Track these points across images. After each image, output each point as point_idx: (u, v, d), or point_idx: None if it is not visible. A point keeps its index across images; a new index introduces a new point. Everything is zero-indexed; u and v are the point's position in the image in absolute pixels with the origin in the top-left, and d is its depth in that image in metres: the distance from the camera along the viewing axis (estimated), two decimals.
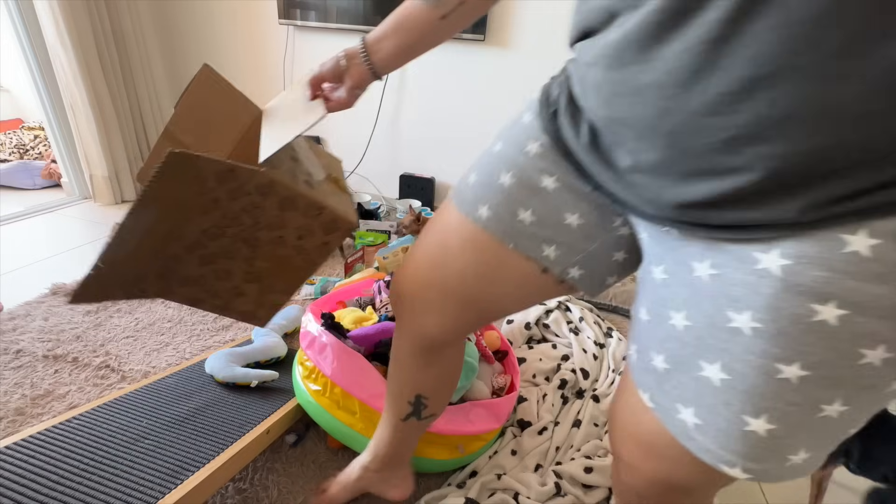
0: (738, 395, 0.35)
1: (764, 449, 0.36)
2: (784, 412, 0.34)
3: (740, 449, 0.36)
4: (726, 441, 0.37)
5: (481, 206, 0.51)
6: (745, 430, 0.35)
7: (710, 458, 0.38)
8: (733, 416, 0.36)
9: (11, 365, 1.14)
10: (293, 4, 2.05)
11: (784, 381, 0.33)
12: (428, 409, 0.69)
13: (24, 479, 0.68)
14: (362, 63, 0.60)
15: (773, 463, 0.36)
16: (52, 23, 1.84)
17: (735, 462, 0.37)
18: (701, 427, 0.38)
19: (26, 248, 1.74)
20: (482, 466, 0.96)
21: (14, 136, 2.54)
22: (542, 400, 1.14)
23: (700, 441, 0.38)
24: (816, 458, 0.37)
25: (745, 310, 0.34)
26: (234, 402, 0.96)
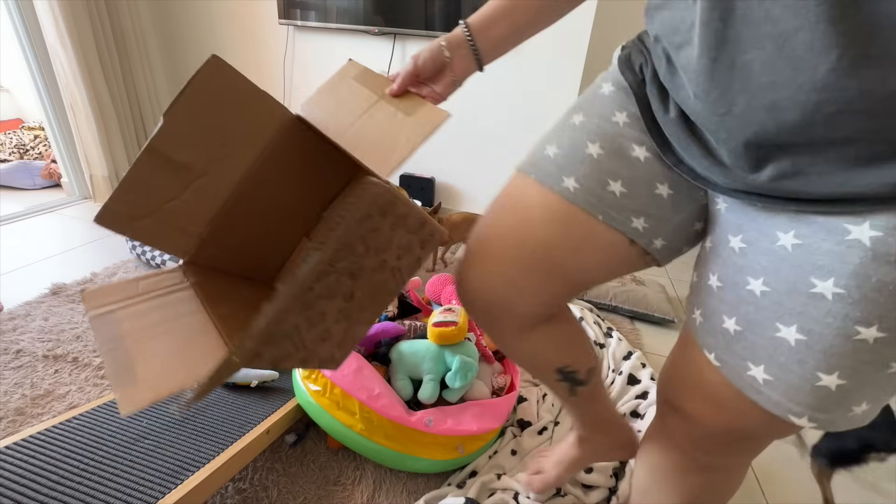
0: (814, 353, 0.37)
1: (832, 401, 0.38)
2: (855, 369, 0.37)
3: (810, 401, 0.39)
4: (796, 395, 0.39)
5: (567, 177, 0.50)
6: (817, 385, 0.38)
7: (778, 411, 0.41)
8: (807, 373, 0.38)
9: (11, 365, 1.14)
10: (293, 4, 2.05)
11: (861, 342, 0.36)
12: (578, 372, 0.64)
13: (24, 479, 0.68)
14: (469, 53, 0.54)
15: (838, 413, 0.39)
16: (52, 23, 1.84)
17: (803, 413, 0.40)
18: (771, 382, 0.40)
19: (26, 248, 1.74)
20: (482, 466, 0.96)
21: (14, 136, 2.54)
22: (542, 400, 1.14)
23: (768, 395, 0.41)
24: (875, 409, 0.40)
25: (829, 276, 0.35)
26: (234, 402, 0.96)
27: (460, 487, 0.92)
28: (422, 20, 1.88)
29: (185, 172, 0.55)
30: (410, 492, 0.91)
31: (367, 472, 0.94)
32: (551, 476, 0.86)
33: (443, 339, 0.96)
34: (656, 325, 1.58)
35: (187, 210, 0.57)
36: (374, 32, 1.97)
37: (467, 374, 0.93)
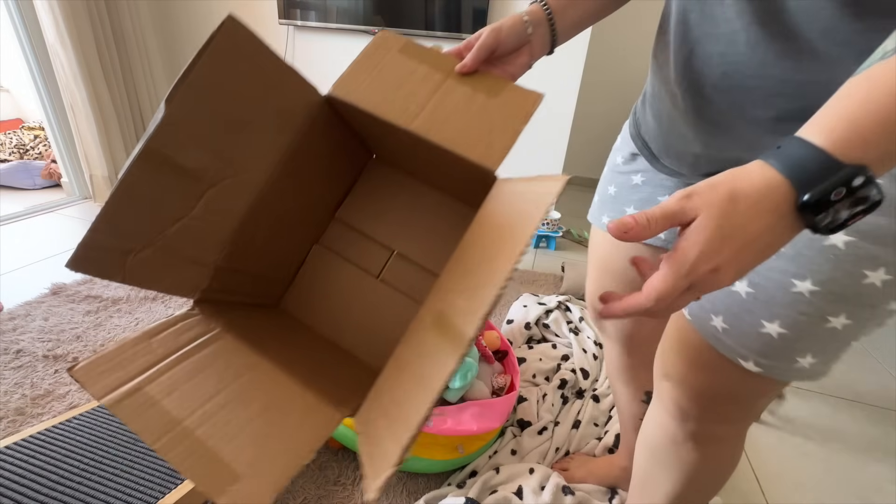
0: (759, 304, 0.43)
1: (775, 349, 0.43)
2: (795, 320, 0.42)
3: (755, 347, 0.44)
4: (745, 340, 0.45)
5: (603, 216, 0.70)
6: (761, 332, 0.43)
7: (729, 353, 0.46)
8: (753, 321, 0.44)
9: (11, 365, 1.14)
10: (293, 4, 2.05)
11: (797, 294, 0.41)
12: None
13: (24, 479, 0.68)
14: (547, 31, 0.52)
15: (782, 362, 0.44)
16: (52, 23, 1.84)
17: (748, 357, 0.45)
18: (727, 331, 0.46)
19: (26, 248, 1.74)
20: (482, 466, 0.96)
21: (14, 136, 2.54)
22: (541, 400, 1.14)
23: (725, 341, 0.47)
24: (823, 365, 0.44)
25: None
26: None
27: (460, 487, 0.92)
28: (422, 20, 1.88)
29: (195, 181, 0.42)
30: (410, 492, 0.91)
31: None
32: (574, 477, 0.95)
33: None
34: None
35: (199, 232, 0.44)
36: (374, 32, 1.97)
37: (467, 374, 0.93)
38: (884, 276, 0.38)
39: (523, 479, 0.91)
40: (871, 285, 0.39)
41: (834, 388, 1.33)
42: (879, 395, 1.31)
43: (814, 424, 1.19)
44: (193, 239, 0.44)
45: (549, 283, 1.79)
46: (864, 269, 0.38)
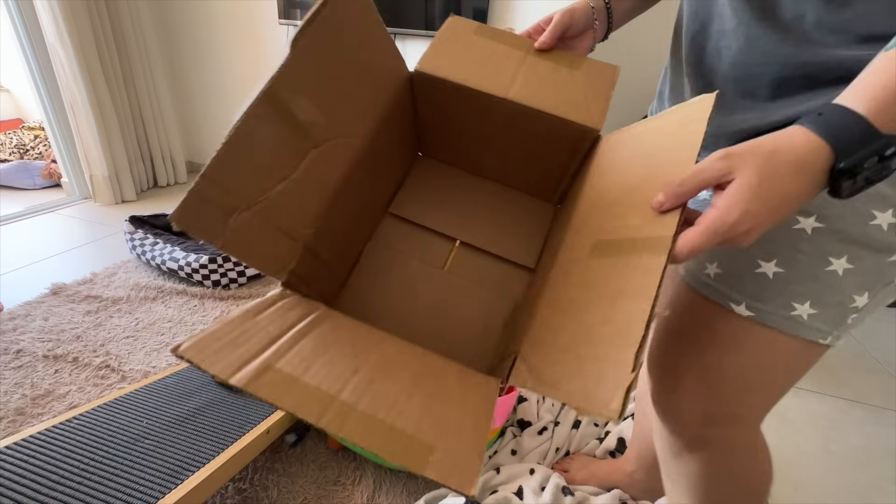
0: (758, 242, 0.38)
1: (769, 290, 0.41)
2: (793, 258, 0.40)
3: (748, 289, 0.42)
4: (737, 283, 0.43)
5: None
6: (756, 272, 0.41)
7: (719, 298, 0.44)
8: (749, 261, 0.42)
9: (11, 365, 1.14)
10: (293, 4, 2.05)
11: (799, 231, 0.39)
12: None
13: (24, 479, 0.68)
14: (605, 19, 0.57)
15: (777, 306, 0.41)
16: (52, 23, 1.84)
17: (741, 300, 0.43)
18: (720, 276, 0.44)
19: (26, 248, 1.74)
20: (482, 466, 0.96)
21: (14, 136, 2.54)
22: (541, 400, 1.14)
23: (716, 287, 0.44)
24: (824, 322, 0.41)
25: None
26: (234, 402, 0.96)
27: None
28: (422, 20, 1.88)
29: (303, 137, 0.40)
30: (410, 492, 0.91)
31: (367, 472, 0.94)
32: (575, 478, 0.94)
33: None
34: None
35: (297, 198, 0.41)
36: None
37: None
38: (891, 218, 0.37)
39: (523, 479, 0.91)
40: (878, 227, 0.37)
41: (834, 389, 1.33)
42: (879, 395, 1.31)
43: (814, 424, 1.20)
44: (291, 205, 0.41)
45: None
46: (872, 209, 0.37)
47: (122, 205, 2.21)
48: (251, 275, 1.60)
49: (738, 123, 0.47)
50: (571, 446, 1.05)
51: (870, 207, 0.37)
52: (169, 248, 1.59)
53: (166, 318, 1.38)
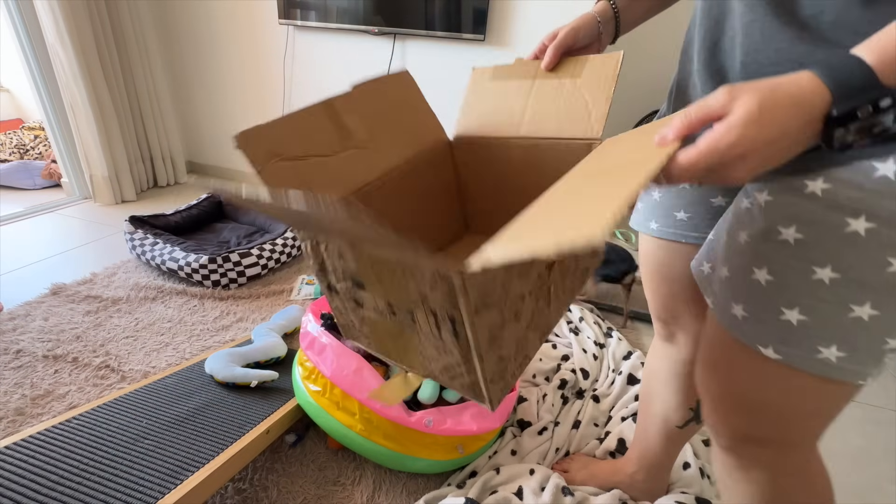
0: (778, 291, 0.43)
1: (795, 336, 0.42)
2: (814, 307, 0.41)
3: (775, 333, 0.44)
4: (764, 328, 0.44)
5: (651, 222, 0.66)
6: (780, 319, 0.43)
7: (748, 340, 0.46)
8: (773, 308, 0.43)
9: (11, 365, 1.14)
10: (293, 4, 2.05)
11: (817, 281, 0.40)
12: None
13: (24, 479, 0.68)
14: (613, 27, 0.58)
15: (803, 350, 0.42)
16: (52, 23, 1.84)
17: (768, 343, 0.44)
18: (747, 318, 0.46)
19: (26, 248, 1.74)
20: (482, 466, 0.96)
21: (14, 136, 2.54)
22: (542, 400, 1.14)
23: (745, 329, 0.46)
24: (855, 362, 0.41)
25: (792, 224, 0.41)
26: (234, 402, 0.96)
27: (460, 487, 0.92)
28: (422, 20, 1.89)
29: (346, 137, 0.53)
30: (410, 492, 0.91)
31: (367, 472, 0.94)
32: (575, 479, 0.94)
33: None
34: None
35: (331, 173, 0.52)
36: (374, 32, 1.97)
37: None
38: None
39: (523, 479, 0.91)
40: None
41: None
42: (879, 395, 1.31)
43: None
44: (320, 175, 0.50)
45: None
46: (887, 257, 0.37)
47: (122, 205, 2.21)
48: (251, 275, 1.60)
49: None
50: (571, 446, 1.05)
51: (885, 255, 0.37)
52: (169, 248, 1.59)
53: (166, 318, 1.38)
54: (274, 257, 1.67)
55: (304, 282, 1.63)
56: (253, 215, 1.98)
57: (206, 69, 2.46)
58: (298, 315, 1.36)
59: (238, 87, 2.44)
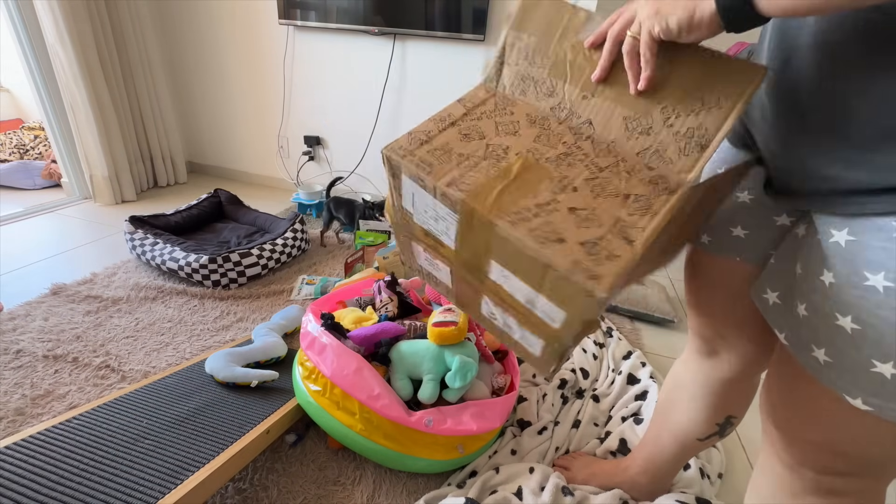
0: (867, 342, 0.39)
1: (888, 390, 0.39)
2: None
3: (864, 385, 0.40)
4: (852, 377, 0.41)
5: (703, 235, 0.62)
6: (872, 371, 0.39)
7: (833, 386, 0.42)
8: (861, 359, 0.40)
9: (11, 365, 1.14)
10: (293, 4, 2.05)
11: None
12: (732, 426, 0.74)
13: (24, 479, 0.68)
14: None
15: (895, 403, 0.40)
16: (52, 23, 1.84)
17: (857, 395, 0.41)
18: (831, 364, 0.42)
19: (26, 248, 1.74)
20: (482, 466, 0.96)
21: (14, 136, 2.54)
22: (541, 400, 1.14)
23: (828, 375, 0.43)
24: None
25: (880, 270, 0.38)
26: (234, 402, 0.96)
27: (460, 487, 0.92)
28: (422, 20, 1.89)
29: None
30: (410, 492, 0.91)
31: (367, 472, 0.94)
32: (577, 478, 0.94)
33: (443, 339, 0.96)
34: (656, 325, 1.58)
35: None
36: (374, 32, 1.97)
37: (467, 375, 0.93)
38: None
39: (523, 479, 0.91)
40: None
41: None
42: None
43: None
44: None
45: None
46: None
47: (122, 205, 2.21)
48: (251, 275, 1.60)
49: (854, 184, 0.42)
50: (571, 446, 1.05)
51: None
52: (169, 248, 1.59)
53: (166, 318, 1.38)
54: (274, 257, 1.67)
55: (304, 282, 1.63)
56: (253, 215, 1.98)
57: (206, 69, 2.46)
58: (298, 315, 1.36)
59: (238, 87, 2.44)
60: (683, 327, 1.58)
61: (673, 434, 0.80)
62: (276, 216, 1.94)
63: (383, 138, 2.28)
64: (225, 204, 2.04)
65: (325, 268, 1.77)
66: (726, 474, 1.02)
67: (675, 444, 0.80)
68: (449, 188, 0.44)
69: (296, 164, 2.53)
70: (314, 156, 2.48)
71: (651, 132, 0.45)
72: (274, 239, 1.71)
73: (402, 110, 2.19)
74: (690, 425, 0.76)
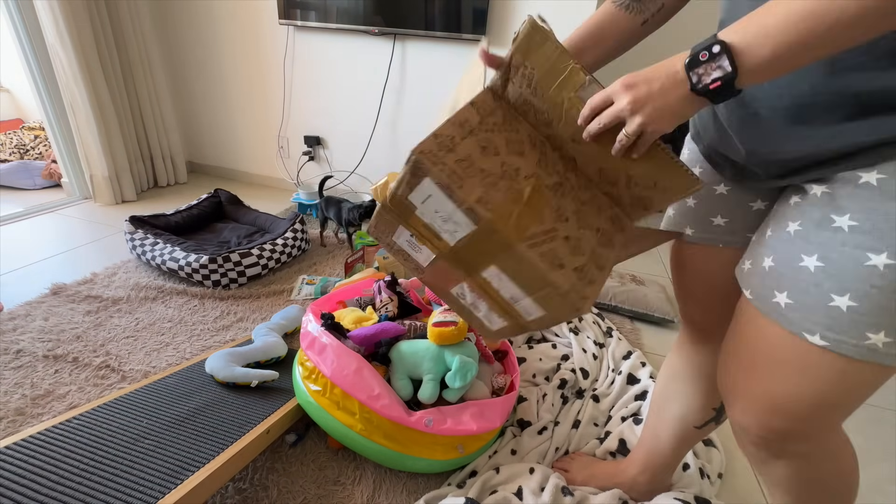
0: (829, 277, 0.43)
1: (843, 322, 0.43)
2: (866, 293, 0.41)
3: (822, 320, 0.44)
4: (811, 314, 0.45)
5: (686, 228, 0.66)
6: (829, 306, 0.43)
7: (794, 328, 0.46)
8: (821, 294, 0.44)
9: (11, 365, 1.14)
10: (293, 4, 2.05)
11: (871, 268, 0.41)
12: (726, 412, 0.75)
13: (24, 479, 0.68)
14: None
15: (851, 335, 0.43)
16: (52, 23, 1.84)
17: (815, 330, 0.45)
18: (791, 305, 0.47)
19: (26, 248, 1.74)
20: (482, 466, 0.96)
21: (14, 136, 2.54)
22: (541, 400, 1.14)
23: (788, 316, 0.47)
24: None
25: (846, 212, 0.43)
26: (234, 402, 0.96)
27: (460, 487, 0.92)
28: (422, 20, 1.89)
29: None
30: (410, 492, 0.91)
31: (367, 472, 0.94)
32: (576, 479, 0.95)
33: (443, 338, 0.96)
34: (656, 325, 1.58)
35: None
36: (374, 32, 1.97)
37: (467, 374, 0.93)
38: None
39: (523, 479, 0.91)
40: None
41: None
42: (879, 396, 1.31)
43: None
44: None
45: None
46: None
47: (123, 205, 2.21)
48: (251, 275, 1.60)
49: (792, 152, 0.48)
50: (571, 446, 1.05)
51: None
52: (169, 248, 1.59)
53: (166, 318, 1.38)
54: (274, 257, 1.67)
55: (305, 282, 1.63)
56: (253, 215, 1.98)
57: (206, 69, 2.46)
58: (298, 315, 1.36)
59: (238, 87, 2.44)
60: None
61: (670, 425, 0.81)
62: (277, 216, 1.94)
63: (383, 138, 2.28)
64: (225, 204, 2.04)
65: (325, 268, 1.77)
66: (726, 474, 1.02)
67: (674, 436, 0.81)
68: (478, 205, 0.49)
69: (296, 164, 2.53)
70: (314, 156, 2.48)
71: (617, 185, 0.56)
72: (274, 239, 1.71)
73: (402, 110, 2.19)
74: (688, 413, 0.78)
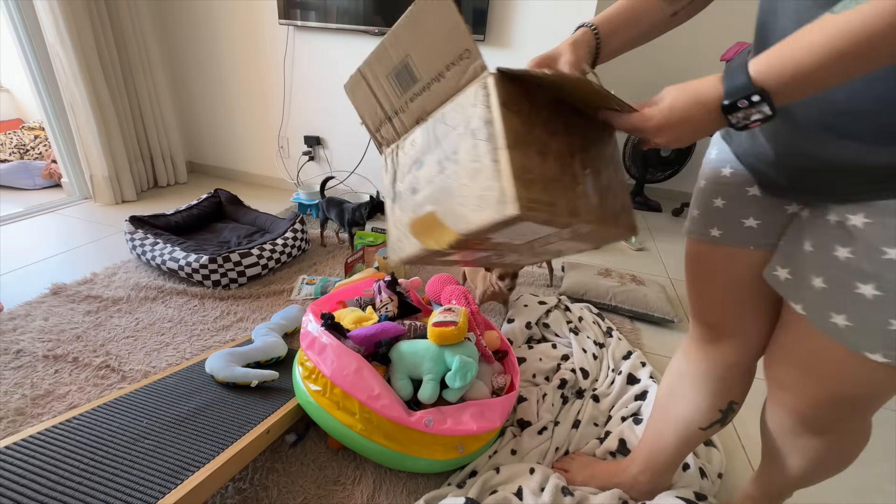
0: (888, 304, 0.46)
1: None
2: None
3: (883, 340, 0.47)
4: (871, 336, 0.48)
5: (712, 229, 0.66)
6: (889, 329, 0.47)
7: (853, 347, 0.50)
8: (880, 320, 0.47)
9: (11, 365, 1.14)
10: (293, 4, 2.05)
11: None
12: (734, 413, 0.77)
13: (24, 479, 0.68)
14: (589, 57, 0.58)
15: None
16: (52, 23, 1.84)
17: (876, 350, 0.48)
18: (851, 328, 0.50)
19: (26, 248, 1.74)
20: (482, 466, 0.96)
21: (14, 136, 2.54)
22: (541, 400, 1.14)
23: (849, 338, 0.50)
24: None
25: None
26: (234, 402, 0.96)
27: (460, 487, 0.92)
28: None
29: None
30: (410, 492, 0.91)
31: (367, 472, 0.94)
32: (576, 479, 0.94)
33: (443, 338, 0.96)
34: (656, 325, 1.58)
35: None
36: (374, 32, 1.97)
37: (467, 374, 0.93)
38: None
39: (523, 479, 0.91)
40: None
41: None
42: None
43: None
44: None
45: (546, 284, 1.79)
46: None
47: (123, 205, 2.21)
48: (251, 275, 1.60)
49: (827, 161, 0.49)
50: (571, 446, 1.05)
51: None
52: (169, 248, 1.59)
53: (166, 318, 1.38)
54: (274, 257, 1.67)
55: (305, 282, 1.63)
56: (253, 215, 1.98)
57: (206, 69, 2.46)
58: (298, 315, 1.36)
59: (238, 87, 2.44)
60: (683, 327, 1.58)
61: (675, 426, 0.81)
62: (277, 216, 1.94)
63: None
64: (225, 204, 2.04)
65: (325, 268, 1.77)
66: (726, 474, 1.02)
67: (677, 436, 0.81)
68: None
69: (296, 164, 2.53)
70: (314, 156, 2.48)
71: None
72: (274, 239, 1.71)
73: None
74: (694, 414, 0.78)
